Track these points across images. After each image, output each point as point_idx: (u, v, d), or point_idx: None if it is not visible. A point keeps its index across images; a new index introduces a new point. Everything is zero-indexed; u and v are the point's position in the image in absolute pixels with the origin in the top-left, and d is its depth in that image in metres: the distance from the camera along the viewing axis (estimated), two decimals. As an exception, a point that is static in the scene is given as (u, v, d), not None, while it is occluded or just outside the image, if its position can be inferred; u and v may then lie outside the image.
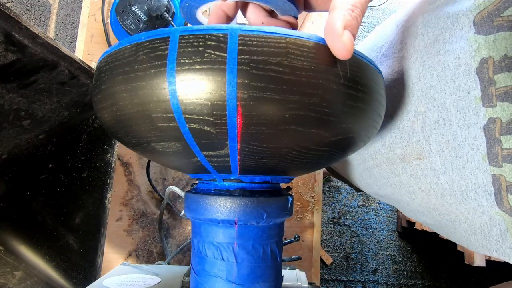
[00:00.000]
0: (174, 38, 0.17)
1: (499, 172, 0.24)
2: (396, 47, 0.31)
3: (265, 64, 0.16)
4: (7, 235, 0.35)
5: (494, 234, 0.26)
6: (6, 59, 0.30)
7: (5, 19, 0.28)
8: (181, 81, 0.17)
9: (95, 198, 0.47)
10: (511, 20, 0.22)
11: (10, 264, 0.35)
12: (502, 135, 0.23)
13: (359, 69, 0.19)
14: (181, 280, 0.36)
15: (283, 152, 0.20)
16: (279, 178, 0.25)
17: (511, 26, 0.22)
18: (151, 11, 0.52)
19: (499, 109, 0.23)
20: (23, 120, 0.34)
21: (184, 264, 0.57)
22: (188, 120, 0.18)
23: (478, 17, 0.23)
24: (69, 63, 0.35)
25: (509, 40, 0.22)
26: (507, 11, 0.22)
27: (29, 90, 0.33)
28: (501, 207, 0.24)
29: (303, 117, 0.18)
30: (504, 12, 0.22)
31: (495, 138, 0.24)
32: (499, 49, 0.23)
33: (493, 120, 0.24)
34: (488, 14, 0.23)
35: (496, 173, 0.24)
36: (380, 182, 0.37)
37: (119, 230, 0.57)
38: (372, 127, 0.23)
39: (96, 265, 0.46)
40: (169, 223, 0.58)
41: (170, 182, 0.60)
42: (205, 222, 0.25)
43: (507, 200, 0.24)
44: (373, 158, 0.35)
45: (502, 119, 0.23)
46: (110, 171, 0.50)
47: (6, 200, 0.34)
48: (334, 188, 1.49)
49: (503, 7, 0.22)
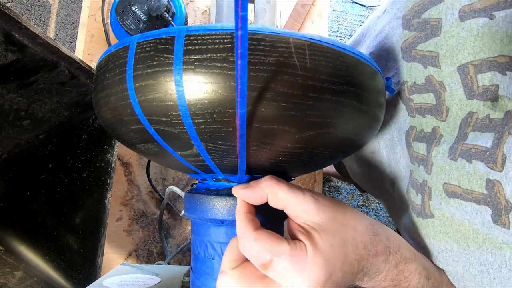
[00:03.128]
0: (132, 46, 0.18)
1: (412, 169, 0.28)
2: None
3: (209, 61, 0.16)
4: (7, 235, 0.35)
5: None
6: (6, 59, 0.29)
7: (5, 19, 0.28)
8: (138, 86, 0.18)
9: (95, 198, 0.47)
10: (421, 54, 0.25)
11: (10, 264, 0.35)
12: (413, 141, 0.27)
13: (324, 57, 0.18)
14: (181, 280, 0.36)
15: (251, 151, 0.20)
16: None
17: (420, 59, 0.25)
18: (151, 11, 0.52)
19: (416, 120, 0.27)
20: (23, 120, 0.34)
21: (184, 264, 0.57)
22: (151, 121, 0.19)
23: (404, 45, 0.27)
24: (69, 63, 0.35)
25: (418, 70, 0.26)
26: (419, 46, 0.25)
27: (29, 90, 0.33)
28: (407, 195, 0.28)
29: (259, 112, 0.17)
30: (417, 46, 0.26)
31: (409, 143, 0.28)
32: (411, 76, 0.27)
33: (412, 128, 0.28)
34: (409, 44, 0.27)
35: (411, 169, 0.28)
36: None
37: (119, 230, 0.57)
38: (358, 122, 0.21)
39: (96, 265, 0.46)
40: (169, 223, 0.58)
41: (170, 182, 0.60)
42: (198, 221, 0.26)
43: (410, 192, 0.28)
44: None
45: (417, 128, 0.27)
46: (110, 171, 0.50)
47: (6, 200, 0.34)
48: (334, 188, 1.49)
49: (417, 41, 0.26)
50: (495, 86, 0.21)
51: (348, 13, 1.54)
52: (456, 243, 0.23)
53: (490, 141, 0.20)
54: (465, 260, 0.23)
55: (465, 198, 0.22)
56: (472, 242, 0.22)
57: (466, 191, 0.22)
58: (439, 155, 0.24)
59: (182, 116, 0.18)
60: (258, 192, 0.21)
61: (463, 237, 0.22)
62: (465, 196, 0.22)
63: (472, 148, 0.21)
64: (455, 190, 0.22)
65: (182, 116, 0.18)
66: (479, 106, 0.22)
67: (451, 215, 0.23)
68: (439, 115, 0.25)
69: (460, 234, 0.23)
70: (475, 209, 0.21)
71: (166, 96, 0.17)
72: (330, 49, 0.18)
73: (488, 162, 0.20)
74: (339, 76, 0.18)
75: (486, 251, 0.21)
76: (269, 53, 0.17)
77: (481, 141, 0.21)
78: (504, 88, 0.20)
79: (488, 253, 0.21)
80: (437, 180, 0.24)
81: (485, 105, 0.21)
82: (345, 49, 0.19)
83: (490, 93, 0.21)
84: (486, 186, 0.20)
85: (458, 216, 0.22)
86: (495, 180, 0.20)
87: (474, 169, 0.21)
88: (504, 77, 0.20)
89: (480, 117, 0.22)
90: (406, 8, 0.27)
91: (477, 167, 0.21)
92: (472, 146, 0.21)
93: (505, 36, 0.20)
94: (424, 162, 0.26)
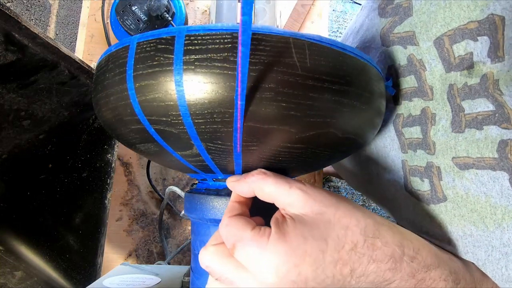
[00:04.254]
0: (132, 46, 0.18)
1: (405, 158, 0.27)
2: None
3: (210, 61, 0.16)
4: (7, 235, 0.35)
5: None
6: (6, 59, 0.29)
7: (5, 19, 0.28)
8: (138, 86, 0.18)
9: (95, 198, 0.47)
10: (398, 36, 0.27)
11: (10, 264, 0.35)
12: (403, 128, 0.27)
13: (324, 57, 0.18)
14: (181, 280, 0.36)
15: (251, 151, 0.20)
16: None
17: (399, 41, 0.27)
18: (151, 11, 0.52)
19: (402, 107, 0.27)
20: (23, 120, 0.34)
21: (184, 264, 0.57)
22: (151, 121, 0.19)
23: (382, 32, 0.29)
24: (69, 63, 0.35)
25: (399, 51, 0.27)
26: (395, 29, 0.27)
27: (29, 90, 0.33)
28: (407, 188, 0.28)
29: (259, 113, 0.17)
30: (394, 30, 0.27)
31: (399, 131, 0.28)
32: (394, 59, 0.27)
33: (399, 116, 0.28)
34: (387, 30, 0.28)
35: (403, 159, 0.27)
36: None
37: (119, 230, 0.57)
38: (358, 122, 0.21)
39: (96, 265, 0.46)
40: (169, 223, 0.58)
41: (170, 182, 0.59)
42: (198, 221, 0.26)
43: (410, 181, 0.27)
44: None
45: (404, 114, 0.27)
46: (110, 171, 0.50)
47: (6, 200, 0.34)
48: (334, 188, 1.48)
49: (393, 25, 0.27)
50: (470, 54, 0.21)
51: (348, 13, 1.54)
52: (474, 225, 0.22)
53: (491, 104, 0.20)
54: (487, 244, 0.21)
55: (479, 167, 0.21)
56: (490, 221, 0.21)
57: (477, 159, 0.21)
58: (439, 132, 0.24)
59: (182, 116, 0.18)
60: (245, 187, 0.21)
61: (479, 217, 0.21)
62: (479, 165, 0.21)
63: (478, 115, 0.21)
64: (467, 161, 0.22)
65: (182, 116, 0.18)
66: (456, 77, 0.22)
67: (466, 192, 0.22)
68: (425, 96, 0.25)
69: (476, 214, 0.21)
70: (491, 176, 0.20)
71: (166, 96, 0.17)
72: (330, 49, 0.18)
73: (501, 123, 0.20)
74: (339, 76, 0.18)
75: (507, 228, 0.20)
76: (269, 53, 0.17)
77: (480, 107, 0.21)
78: (478, 54, 0.21)
79: (510, 230, 0.20)
80: (444, 157, 0.23)
81: (462, 74, 0.22)
82: (345, 49, 0.19)
83: (466, 62, 0.22)
84: (497, 148, 0.20)
85: (473, 191, 0.21)
86: (509, 139, 0.19)
87: (486, 135, 0.21)
88: (476, 43, 0.21)
89: (459, 87, 0.22)
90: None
91: (489, 132, 0.20)
92: (476, 114, 0.21)
93: (470, 2, 0.20)
94: (422, 145, 0.25)
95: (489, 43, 0.20)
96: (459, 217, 0.23)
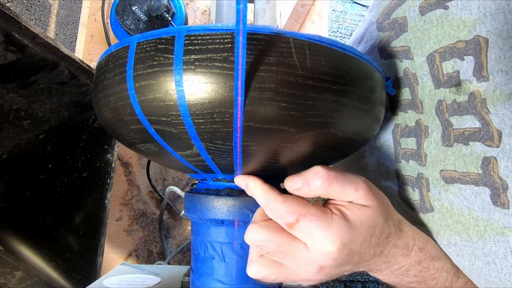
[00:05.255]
0: (132, 46, 0.18)
1: (398, 167, 0.29)
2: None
3: (210, 61, 0.16)
4: (7, 235, 0.35)
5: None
6: (6, 59, 0.29)
7: (5, 19, 0.28)
8: (138, 86, 0.18)
9: (95, 198, 0.47)
10: (395, 50, 0.28)
11: (10, 264, 0.35)
12: (401, 138, 0.28)
13: (325, 57, 0.18)
14: (181, 280, 0.36)
15: (251, 151, 0.20)
16: (272, 177, 0.25)
17: (396, 54, 0.28)
18: (151, 11, 0.52)
19: (399, 117, 0.28)
20: (23, 120, 0.34)
21: (184, 264, 0.57)
22: (151, 121, 0.19)
23: (380, 45, 0.29)
24: (69, 63, 0.35)
25: (396, 65, 0.28)
26: (392, 43, 0.28)
27: (29, 90, 0.33)
28: (400, 195, 0.29)
29: (259, 113, 0.17)
30: (391, 44, 0.28)
31: (397, 141, 0.29)
32: (391, 72, 0.28)
33: (397, 126, 0.29)
34: (384, 43, 0.29)
35: (397, 168, 0.29)
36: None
37: (119, 230, 0.57)
38: (358, 122, 0.21)
39: (96, 265, 0.46)
40: (169, 223, 0.58)
41: (170, 182, 0.60)
42: (198, 221, 0.26)
43: (403, 190, 0.28)
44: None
45: (401, 124, 0.28)
46: (110, 171, 0.50)
47: (6, 200, 0.34)
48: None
49: (390, 40, 0.28)
50: (457, 72, 0.22)
51: (348, 13, 1.54)
52: (458, 235, 0.23)
53: (477, 122, 0.21)
54: (470, 253, 0.22)
55: (463, 182, 0.22)
56: (473, 232, 0.22)
57: (463, 174, 0.22)
58: (431, 145, 0.25)
59: (182, 116, 0.18)
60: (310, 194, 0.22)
61: (463, 228, 0.22)
62: (463, 179, 0.22)
63: (465, 131, 0.22)
64: (453, 175, 0.23)
65: (182, 116, 0.18)
66: (445, 94, 0.23)
67: (450, 205, 0.23)
68: (417, 109, 0.26)
69: (461, 225, 0.23)
70: (474, 191, 0.21)
71: (166, 96, 0.17)
72: (330, 49, 0.18)
73: (485, 140, 0.21)
74: (339, 76, 0.18)
75: (488, 240, 0.21)
76: (269, 53, 0.17)
77: (467, 123, 0.22)
78: (464, 72, 0.22)
79: (491, 241, 0.21)
80: (433, 169, 0.25)
81: (450, 91, 0.23)
82: (345, 49, 0.19)
83: (454, 80, 0.22)
84: (481, 165, 0.21)
85: (457, 204, 0.23)
86: (492, 157, 0.20)
87: (471, 151, 0.22)
88: (463, 62, 0.22)
89: (448, 103, 0.23)
90: (378, 13, 0.31)
91: (475, 148, 0.21)
92: (463, 129, 0.22)
93: (460, 22, 0.22)
94: (415, 156, 0.27)
95: (474, 63, 0.21)
96: (445, 227, 0.24)
